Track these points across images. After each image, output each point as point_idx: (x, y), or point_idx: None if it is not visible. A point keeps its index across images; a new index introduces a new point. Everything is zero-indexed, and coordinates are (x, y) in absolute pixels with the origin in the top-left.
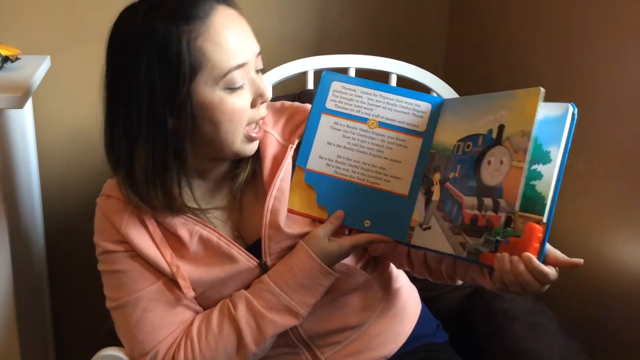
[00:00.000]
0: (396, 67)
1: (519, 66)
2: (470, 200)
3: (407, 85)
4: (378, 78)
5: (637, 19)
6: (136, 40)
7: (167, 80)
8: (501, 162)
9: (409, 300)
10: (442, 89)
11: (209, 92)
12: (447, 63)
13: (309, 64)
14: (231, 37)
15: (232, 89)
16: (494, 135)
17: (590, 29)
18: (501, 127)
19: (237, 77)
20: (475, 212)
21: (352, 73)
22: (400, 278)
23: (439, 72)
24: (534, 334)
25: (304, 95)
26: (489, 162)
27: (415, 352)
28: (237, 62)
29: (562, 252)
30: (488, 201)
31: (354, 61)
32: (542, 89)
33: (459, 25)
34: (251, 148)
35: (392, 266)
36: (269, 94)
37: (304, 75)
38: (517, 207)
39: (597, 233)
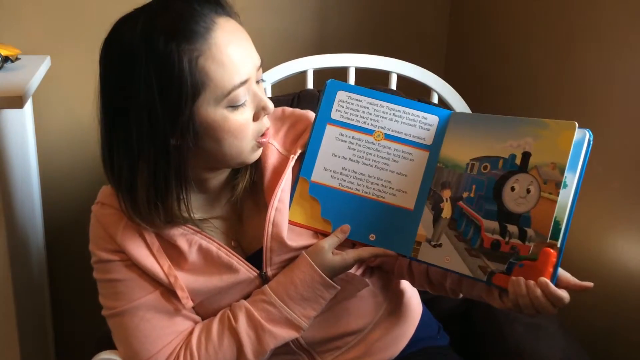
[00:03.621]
0: (396, 67)
1: (519, 66)
2: (491, 224)
3: (407, 84)
4: (378, 78)
5: (637, 19)
6: (135, 58)
7: (168, 100)
8: (528, 191)
9: (410, 303)
10: (443, 89)
11: (212, 112)
12: (448, 62)
13: (309, 64)
14: (233, 53)
15: (234, 106)
16: (518, 161)
17: (590, 29)
18: (526, 155)
19: (240, 94)
20: (497, 237)
21: (352, 73)
22: (401, 280)
23: (440, 72)
24: (535, 336)
25: (304, 95)
26: (513, 189)
27: (417, 355)
28: (239, 79)
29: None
30: (513, 228)
31: (354, 61)
32: (576, 123)
33: (459, 25)
34: (256, 155)
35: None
36: (271, 106)
37: (303, 74)
38: (558, 242)
39: (598, 233)
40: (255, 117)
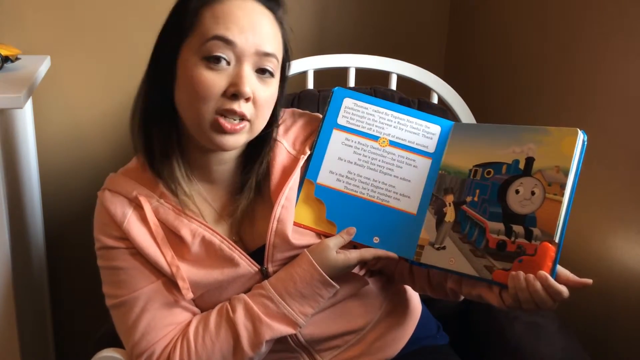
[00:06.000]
0: (396, 67)
1: (519, 66)
2: (496, 226)
3: (407, 85)
4: (378, 78)
5: (637, 20)
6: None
7: (170, 37)
8: (533, 193)
9: (409, 302)
10: (442, 89)
11: (190, 57)
12: (447, 63)
13: (309, 64)
14: (232, 15)
15: (208, 59)
16: (521, 166)
17: (590, 29)
18: (530, 160)
19: (216, 47)
20: (502, 237)
21: (352, 73)
22: None
23: (439, 72)
24: (535, 335)
25: (304, 95)
26: (517, 191)
27: (416, 354)
28: (221, 32)
29: (563, 252)
30: (518, 229)
31: (354, 61)
32: (579, 130)
33: (459, 25)
34: (221, 141)
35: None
36: (243, 89)
37: (304, 75)
38: (556, 237)
39: (598, 233)
40: (226, 92)
